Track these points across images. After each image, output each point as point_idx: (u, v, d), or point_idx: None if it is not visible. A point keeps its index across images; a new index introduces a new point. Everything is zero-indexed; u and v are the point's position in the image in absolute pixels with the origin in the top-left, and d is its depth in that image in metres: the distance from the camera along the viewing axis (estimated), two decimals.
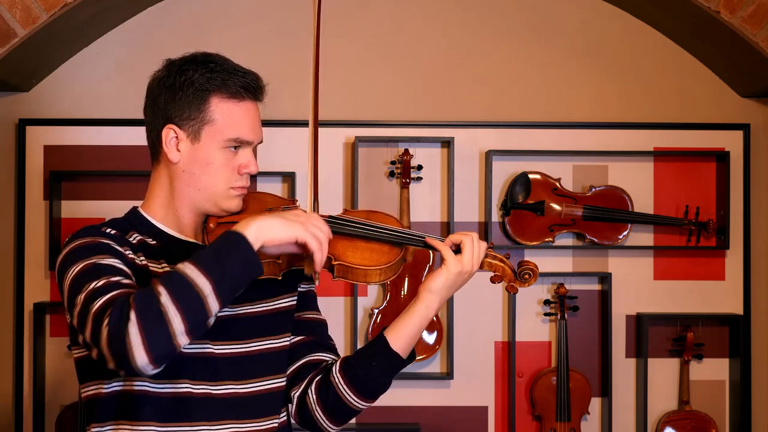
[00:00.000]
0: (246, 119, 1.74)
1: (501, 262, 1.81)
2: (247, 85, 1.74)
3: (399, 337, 1.76)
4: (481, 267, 1.82)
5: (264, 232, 1.58)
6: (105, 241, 1.66)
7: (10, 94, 3.38)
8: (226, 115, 1.72)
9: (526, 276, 1.81)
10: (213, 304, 1.52)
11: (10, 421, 3.34)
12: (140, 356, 1.47)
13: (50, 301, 3.32)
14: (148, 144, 1.79)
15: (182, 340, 1.50)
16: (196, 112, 1.71)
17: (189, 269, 1.52)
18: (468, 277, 1.78)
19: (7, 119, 3.38)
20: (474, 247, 1.76)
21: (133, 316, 1.47)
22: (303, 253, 1.65)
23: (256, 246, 1.56)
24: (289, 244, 1.62)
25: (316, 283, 1.81)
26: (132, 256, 1.68)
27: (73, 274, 1.60)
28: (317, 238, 1.62)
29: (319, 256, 1.63)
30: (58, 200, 3.36)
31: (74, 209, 3.36)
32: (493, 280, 1.83)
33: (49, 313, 3.35)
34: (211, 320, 1.55)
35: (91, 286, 1.56)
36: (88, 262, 1.61)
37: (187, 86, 1.71)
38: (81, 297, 1.56)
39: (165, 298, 1.49)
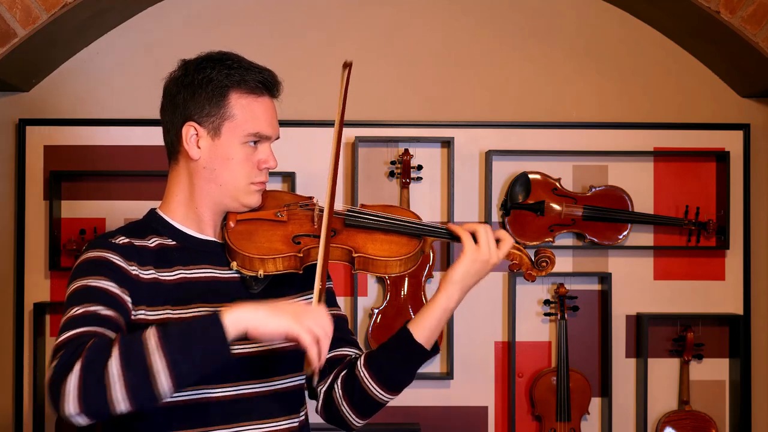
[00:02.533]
0: (264, 114, 1.77)
1: (518, 250, 1.87)
2: (264, 81, 1.77)
3: (422, 329, 1.79)
4: None
5: (248, 321, 1.51)
6: (110, 257, 1.67)
7: (10, 94, 3.38)
8: (246, 110, 1.75)
9: (544, 264, 1.87)
10: (164, 384, 1.46)
11: (9, 421, 3.34)
12: (70, 406, 1.44)
13: (50, 301, 3.32)
14: (165, 143, 1.81)
15: (122, 407, 1.46)
16: (216, 108, 1.73)
17: (151, 341, 1.47)
18: (488, 267, 1.80)
19: (7, 119, 3.38)
20: (489, 235, 1.79)
21: (77, 367, 1.45)
22: (297, 346, 1.57)
23: (232, 334, 1.50)
24: (279, 336, 1.54)
25: (314, 382, 1.83)
26: (136, 272, 1.68)
27: (69, 292, 1.64)
28: (312, 333, 1.54)
29: (314, 353, 1.55)
30: (58, 200, 3.36)
31: (74, 209, 3.36)
32: (511, 268, 1.88)
33: (49, 313, 3.35)
34: (163, 398, 1.48)
35: (71, 314, 1.58)
36: (81, 283, 1.63)
37: (206, 83, 1.73)
38: (62, 320, 1.59)
39: (114, 363, 1.45)
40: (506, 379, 3.42)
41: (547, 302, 3.42)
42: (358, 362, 1.81)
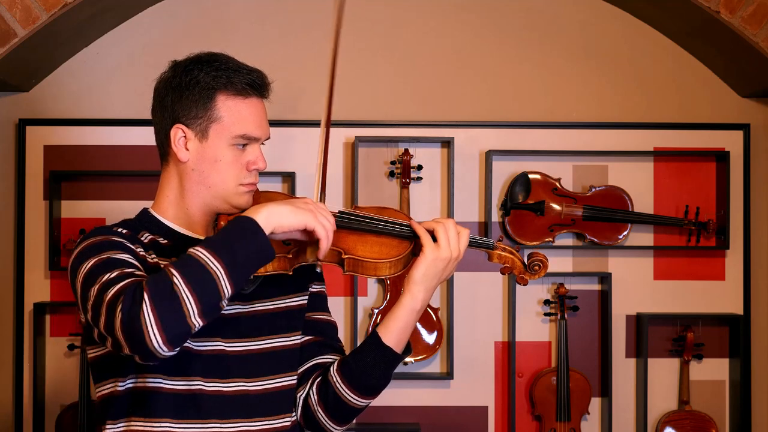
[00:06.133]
0: (252, 116, 1.76)
1: (510, 254, 1.85)
2: (252, 82, 1.76)
3: (391, 332, 1.78)
4: (491, 259, 1.86)
5: (274, 218, 1.60)
6: (117, 239, 1.69)
7: (10, 94, 3.38)
8: (233, 112, 1.74)
9: (536, 267, 1.85)
10: (225, 286, 1.54)
11: (9, 421, 3.34)
12: (155, 337, 1.49)
13: (50, 301, 3.32)
14: (156, 145, 1.81)
15: (196, 321, 1.52)
16: (203, 110, 1.73)
17: (201, 253, 1.54)
18: (452, 264, 1.78)
19: (7, 119, 3.38)
20: (449, 232, 1.77)
21: (146, 298, 1.49)
22: (308, 240, 1.69)
23: (266, 231, 1.59)
24: (297, 231, 1.65)
25: (318, 269, 1.88)
26: (143, 253, 1.71)
27: (86, 269, 1.63)
28: (324, 227, 1.65)
29: (325, 244, 1.66)
30: (58, 200, 3.36)
31: (74, 209, 3.37)
32: (502, 271, 1.87)
33: (49, 313, 3.35)
34: (224, 303, 1.56)
35: (105, 278, 1.58)
36: (100, 257, 1.63)
37: (193, 85, 1.73)
38: (94, 289, 1.58)
39: (178, 280, 1.51)
40: (506, 379, 3.42)
41: (547, 302, 3.42)
42: (332, 368, 1.81)
